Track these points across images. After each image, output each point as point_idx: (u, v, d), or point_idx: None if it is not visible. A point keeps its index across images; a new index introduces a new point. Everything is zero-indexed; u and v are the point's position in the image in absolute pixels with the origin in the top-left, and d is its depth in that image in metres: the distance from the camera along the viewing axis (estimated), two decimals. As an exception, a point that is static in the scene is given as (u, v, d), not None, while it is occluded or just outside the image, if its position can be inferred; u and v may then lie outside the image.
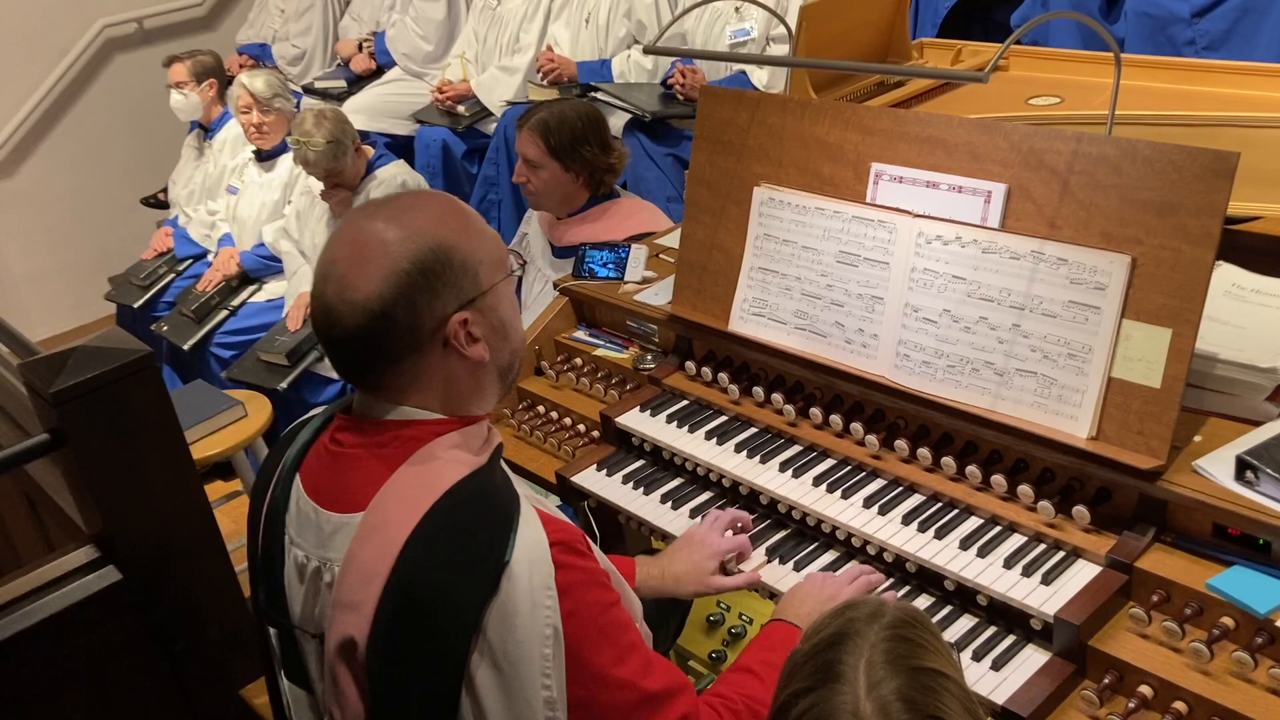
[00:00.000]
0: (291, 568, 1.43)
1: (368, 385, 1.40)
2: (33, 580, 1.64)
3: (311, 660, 1.44)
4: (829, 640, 1.13)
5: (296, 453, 1.47)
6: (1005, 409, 1.74)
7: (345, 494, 1.37)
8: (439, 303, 1.34)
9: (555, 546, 1.28)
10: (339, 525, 1.36)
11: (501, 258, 1.44)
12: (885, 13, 2.87)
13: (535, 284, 3.29)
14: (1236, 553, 1.54)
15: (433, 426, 1.38)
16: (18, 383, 1.80)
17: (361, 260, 1.33)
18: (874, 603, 1.17)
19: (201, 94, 4.89)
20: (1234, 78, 2.44)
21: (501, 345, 1.43)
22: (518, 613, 1.24)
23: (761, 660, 1.54)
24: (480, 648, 1.25)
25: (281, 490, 1.45)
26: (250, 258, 4.55)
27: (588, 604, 1.30)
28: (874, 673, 1.07)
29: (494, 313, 1.40)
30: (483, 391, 1.44)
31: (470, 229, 1.40)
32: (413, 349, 1.35)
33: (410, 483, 1.32)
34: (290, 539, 1.43)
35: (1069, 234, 1.70)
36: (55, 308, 5.97)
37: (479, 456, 1.37)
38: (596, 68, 4.37)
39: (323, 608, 1.38)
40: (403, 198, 1.43)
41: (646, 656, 1.35)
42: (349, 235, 1.37)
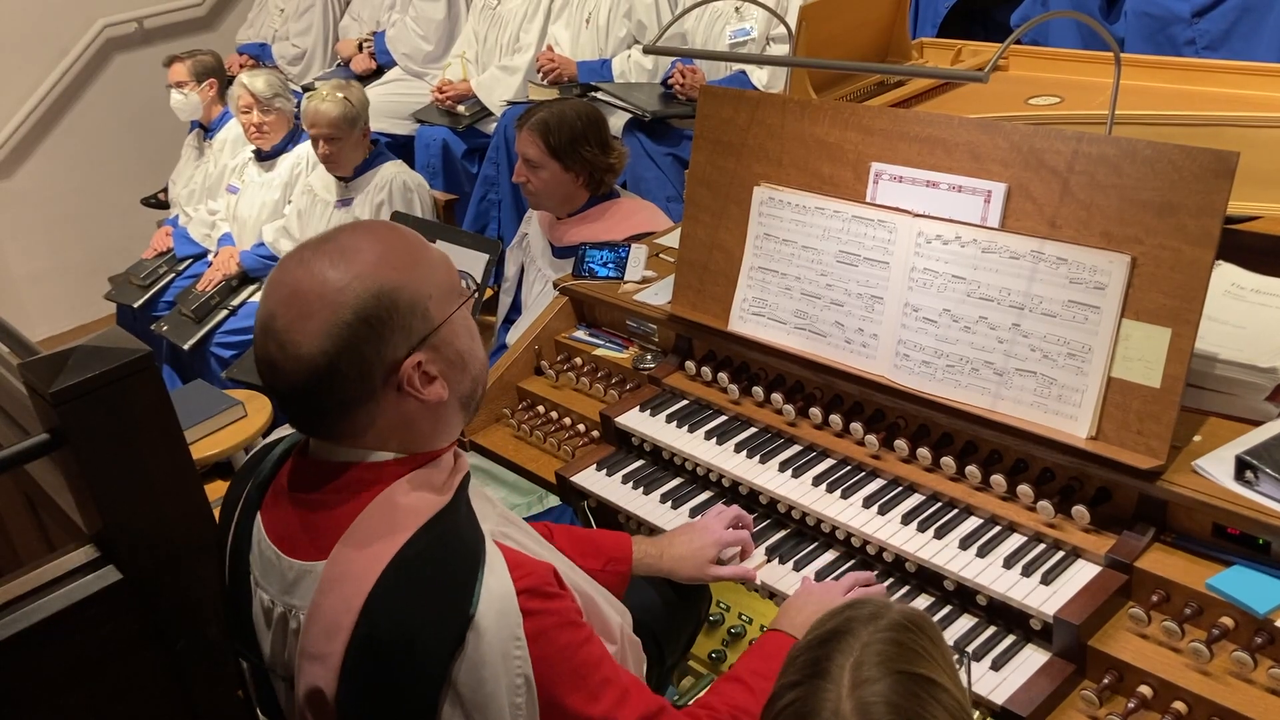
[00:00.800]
0: (259, 610, 1.40)
1: (321, 435, 1.35)
2: (33, 580, 1.63)
3: (283, 699, 1.43)
4: (824, 637, 1.12)
5: (258, 487, 1.43)
6: (1005, 409, 1.74)
7: (306, 540, 1.33)
8: (388, 349, 1.27)
9: (523, 595, 1.25)
10: (301, 572, 1.33)
11: (453, 284, 1.36)
12: (885, 13, 2.87)
13: (535, 284, 3.29)
14: (1236, 553, 1.54)
15: (391, 469, 1.32)
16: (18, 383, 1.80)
17: (302, 315, 1.26)
18: (878, 603, 1.16)
19: (202, 94, 4.88)
20: (1234, 78, 2.44)
21: (460, 377, 1.36)
22: (486, 665, 1.22)
23: (752, 670, 1.53)
24: (451, 700, 1.23)
25: (244, 528, 1.42)
26: (250, 257, 4.55)
27: (559, 647, 1.27)
28: (861, 672, 1.06)
29: (450, 346, 1.34)
30: (444, 426, 1.38)
31: (416, 263, 1.32)
32: (365, 398, 1.29)
33: (371, 531, 1.28)
34: (256, 581, 1.40)
35: (1069, 234, 1.70)
36: (55, 308, 5.97)
37: (442, 495, 1.32)
38: (596, 68, 4.37)
39: (290, 653, 1.35)
40: (339, 237, 1.32)
41: (621, 687, 1.33)
42: (286, 288, 1.28)
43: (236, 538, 1.43)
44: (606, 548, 1.80)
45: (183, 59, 4.88)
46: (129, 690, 1.70)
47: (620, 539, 1.83)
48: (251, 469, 1.48)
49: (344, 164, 4.04)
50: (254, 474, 1.46)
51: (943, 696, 1.06)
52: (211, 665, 1.78)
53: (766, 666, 1.54)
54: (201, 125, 5.07)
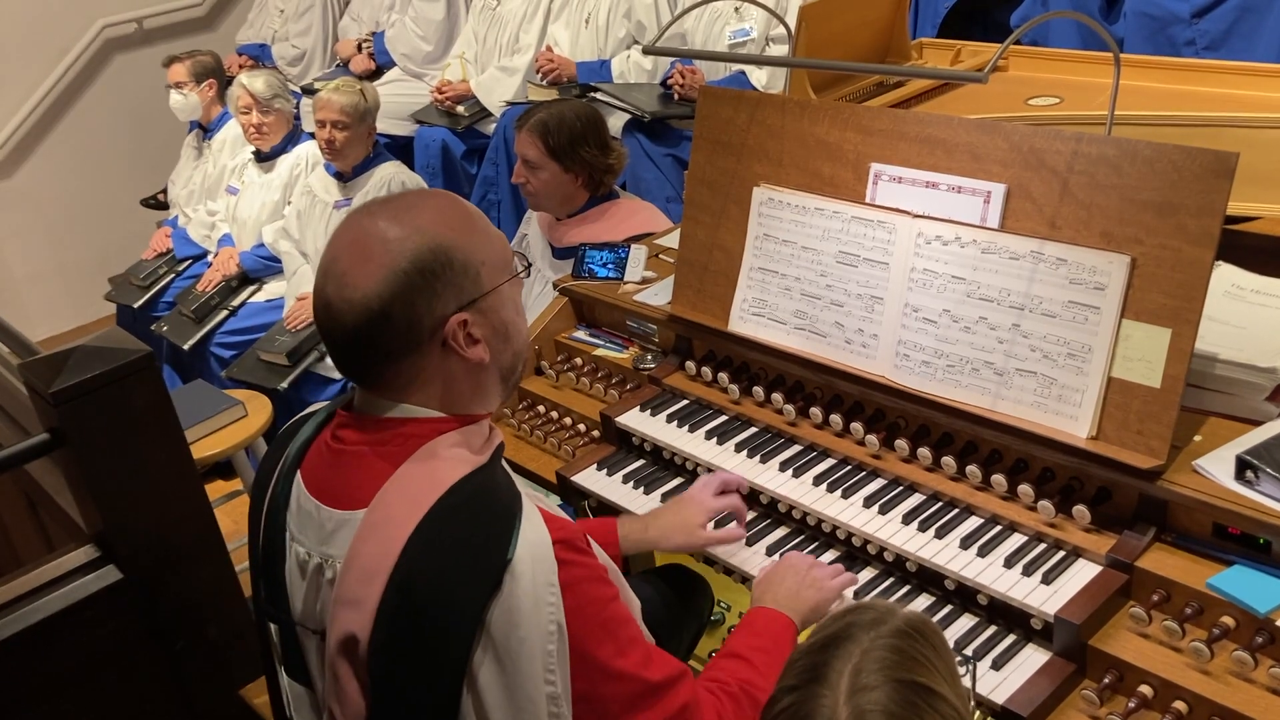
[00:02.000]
0: (293, 564, 1.43)
1: (368, 383, 1.40)
2: (33, 580, 1.64)
3: (312, 657, 1.45)
4: (824, 642, 1.11)
5: (298, 449, 1.47)
6: (1005, 409, 1.74)
7: (347, 491, 1.37)
8: (438, 303, 1.33)
9: (558, 544, 1.28)
10: (341, 522, 1.36)
11: (507, 259, 1.43)
12: (885, 13, 2.87)
13: (535, 284, 3.29)
14: (1236, 552, 1.54)
15: (434, 424, 1.37)
16: (18, 383, 1.80)
17: (361, 259, 1.32)
18: (882, 608, 1.14)
19: (201, 94, 4.88)
20: (1234, 78, 2.44)
21: (503, 347, 1.42)
22: (521, 610, 1.24)
23: (749, 645, 1.56)
24: (483, 645, 1.25)
25: (282, 487, 1.45)
26: (250, 258, 4.55)
27: (590, 599, 1.30)
28: (859, 679, 1.04)
29: (496, 314, 1.39)
30: (484, 392, 1.43)
31: (474, 229, 1.39)
32: (411, 348, 1.34)
33: (412, 480, 1.32)
34: (291, 535, 1.43)
35: (1069, 234, 1.70)
36: (55, 308, 5.97)
37: (480, 455, 1.37)
38: (596, 68, 4.37)
39: (324, 604, 1.38)
40: (405, 196, 1.41)
41: (647, 649, 1.36)
42: (350, 234, 1.36)
43: (273, 500, 1.46)
44: (592, 532, 1.81)
45: (182, 59, 4.88)
46: (129, 690, 1.70)
47: (604, 522, 1.85)
48: (292, 433, 1.51)
49: (347, 156, 4.04)
50: (293, 439, 1.49)
51: (942, 706, 1.04)
52: (211, 665, 1.78)
53: (761, 641, 1.56)
54: (201, 125, 5.07)
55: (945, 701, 1.05)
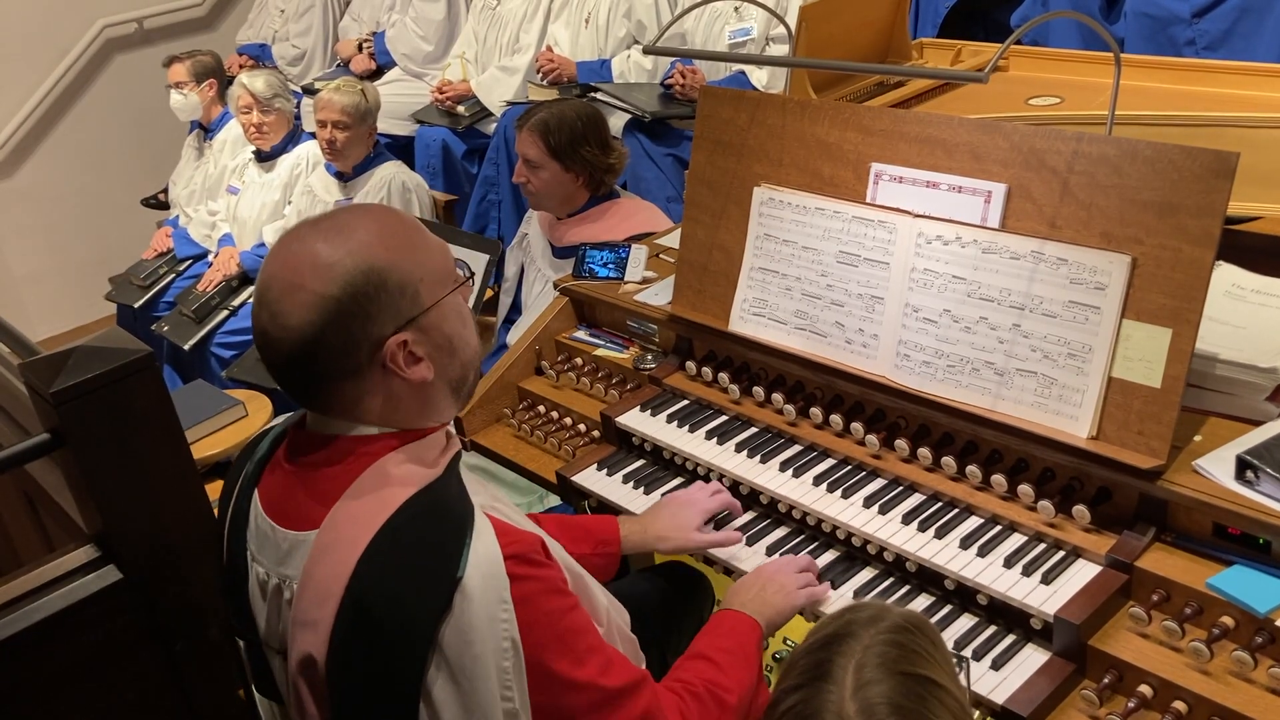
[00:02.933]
0: (254, 584, 1.42)
1: (313, 406, 1.38)
2: (33, 580, 1.63)
3: (278, 674, 1.45)
4: (825, 640, 1.12)
5: (255, 467, 1.45)
6: (1005, 409, 1.74)
7: (300, 511, 1.36)
8: (373, 326, 1.30)
9: (510, 560, 1.26)
10: (295, 543, 1.35)
11: (447, 270, 1.39)
12: (885, 13, 2.87)
13: (535, 284, 3.29)
14: (1236, 552, 1.54)
15: (383, 441, 1.35)
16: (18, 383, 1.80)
17: (292, 287, 1.29)
18: (877, 606, 1.17)
19: (201, 94, 4.88)
20: (1234, 78, 2.44)
21: (449, 361, 1.38)
22: (474, 628, 1.23)
23: (714, 646, 1.56)
24: (437, 664, 1.24)
25: (241, 505, 1.45)
26: (250, 258, 4.55)
27: (545, 612, 1.28)
28: (863, 674, 1.06)
29: (438, 330, 1.36)
30: (432, 407, 1.40)
31: (410, 245, 1.35)
32: (351, 372, 1.32)
33: (362, 501, 1.30)
34: (252, 555, 1.42)
35: (1069, 234, 1.70)
36: (55, 308, 5.97)
37: (433, 469, 1.34)
38: (596, 68, 4.37)
39: (285, 624, 1.37)
40: (337, 215, 1.37)
41: (606, 656, 1.35)
42: (281, 258, 1.33)
43: (234, 518, 1.46)
44: (594, 531, 1.83)
45: (182, 59, 4.88)
46: (129, 690, 1.70)
47: (606, 521, 1.85)
48: (249, 453, 1.50)
49: (347, 156, 4.04)
50: (251, 456, 1.48)
51: (944, 696, 1.07)
52: (211, 665, 1.78)
53: (726, 642, 1.57)
54: (201, 125, 5.07)
55: (947, 692, 1.07)
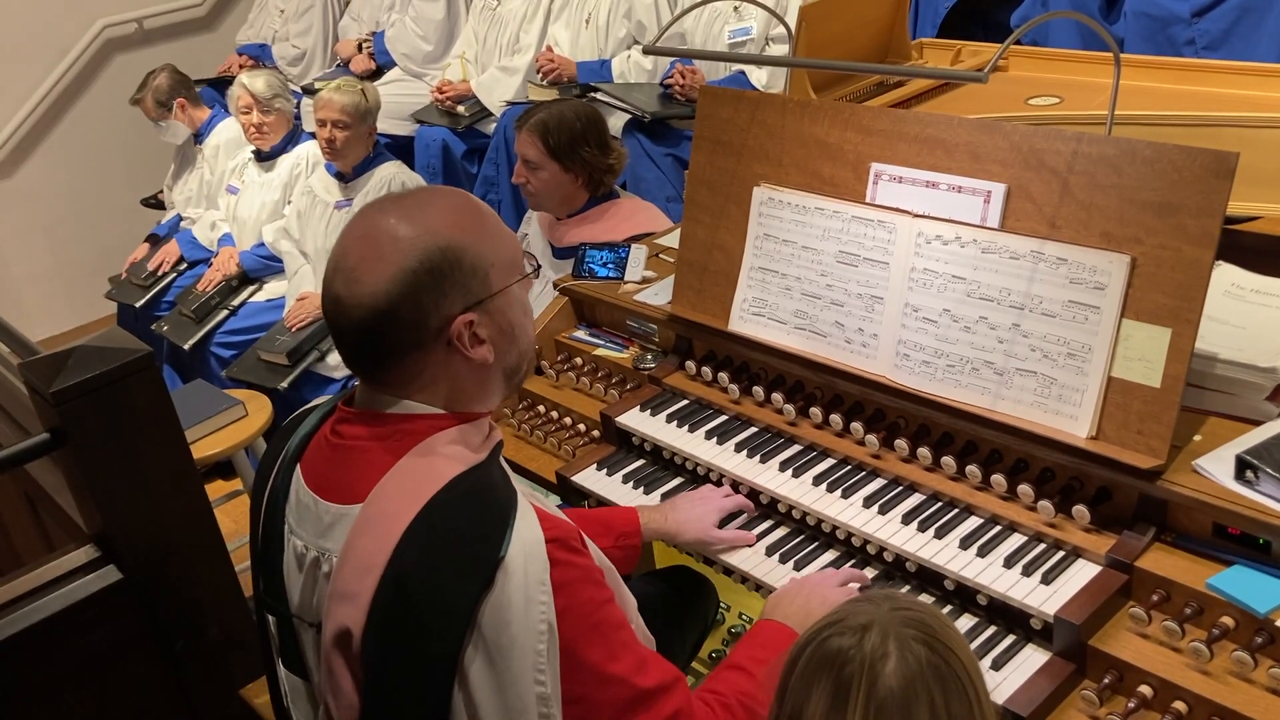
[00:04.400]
0: (290, 557, 1.43)
1: (372, 378, 1.40)
2: (33, 580, 1.64)
3: (309, 649, 1.45)
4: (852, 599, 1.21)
5: (298, 443, 1.47)
6: (1005, 409, 1.74)
7: (344, 485, 1.37)
8: (445, 302, 1.34)
9: (551, 544, 1.28)
10: (338, 516, 1.36)
11: (516, 260, 1.43)
12: (885, 13, 2.87)
13: (536, 284, 3.29)
14: (1236, 552, 1.54)
15: (433, 421, 1.38)
16: (18, 382, 1.80)
17: (371, 256, 1.33)
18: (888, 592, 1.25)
19: (177, 115, 4.88)
20: (1234, 78, 2.44)
21: (508, 347, 1.42)
22: (512, 608, 1.24)
23: (752, 658, 1.55)
24: (474, 642, 1.25)
25: (282, 480, 1.46)
26: (250, 258, 4.55)
27: (582, 601, 1.30)
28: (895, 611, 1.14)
29: (502, 315, 1.40)
30: (486, 391, 1.43)
31: (484, 229, 1.39)
32: (417, 346, 1.35)
33: (409, 476, 1.33)
34: (290, 528, 1.43)
35: (1069, 234, 1.70)
36: (55, 308, 5.97)
37: (478, 453, 1.37)
38: (596, 68, 4.37)
39: (320, 598, 1.38)
40: (418, 194, 1.42)
41: (640, 653, 1.36)
42: (361, 229, 1.37)
43: (273, 491, 1.46)
44: (615, 524, 1.84)
45: (141, 99, 4.89)
46: (129, 690, 1.70)
47: (627, 513, 1.87)
48: (293, 427, 1.51)
49: (347, 156, 4.04)
50: (294, 433, 1.49)
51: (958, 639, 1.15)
52: (211, 665, 1.78)
53: (765, 654, 1.56)
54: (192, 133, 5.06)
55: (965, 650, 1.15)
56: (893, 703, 1.08)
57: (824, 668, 1.12)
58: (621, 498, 2.05)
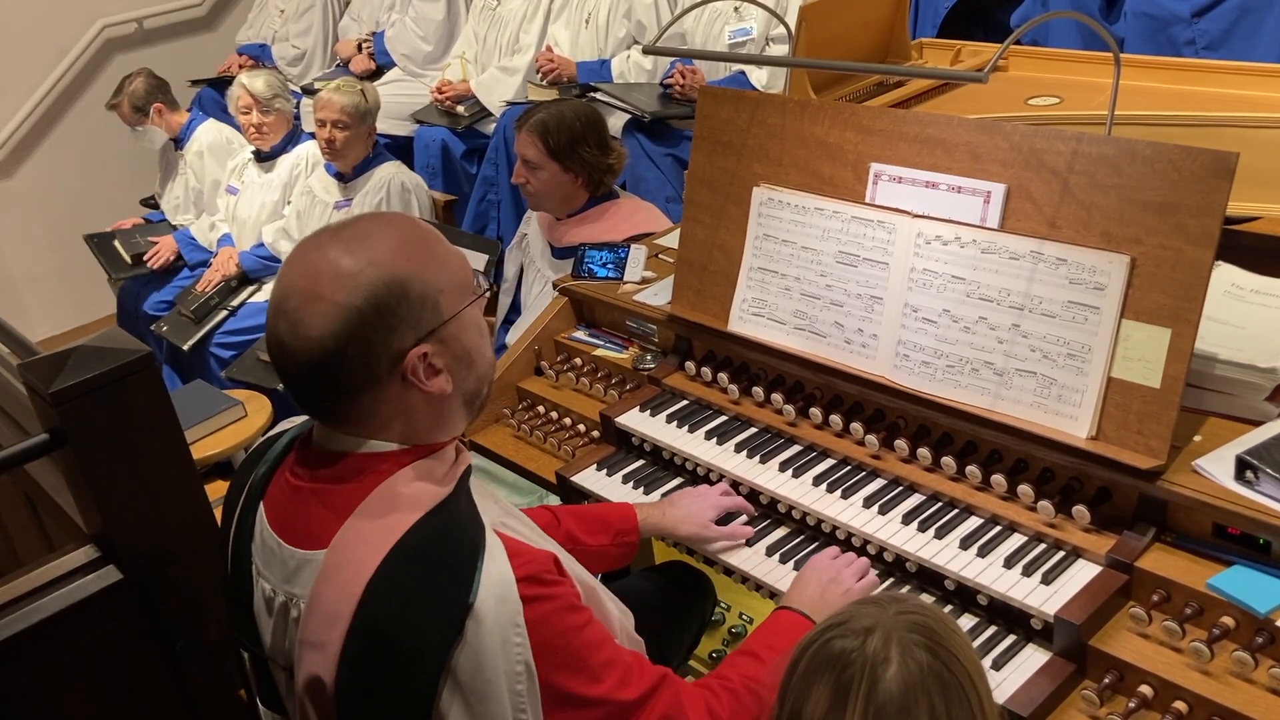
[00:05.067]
0: (260, 599, 1.41)
1: (326, 419, 1.36)
2: (33, 580, 1.63)
3: (283, 689, 1.44)
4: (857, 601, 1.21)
5: (260, 480, 1.44)
6: (1005, 409, 1.74)
7: (307, 529, 1.34)
8: (394, 338, 1.29)
9: (522, 582, 1.25)
10: (302, 561, 1.33)
11: (465, 282, 1.37)
12: (885, 13, 2.87)
13: (535, 284, 3.29)
14: (1236, 552, 1.54)
15: (394, 458, 1.34)
16: (18, 383, 1.80)
17: (312, 297, 1.27)
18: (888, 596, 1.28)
19: (154, 120, 4.85)
20: (1234, 78, 2.44)
21: (466, 373, 1.37)
22: (486, 653, 1.22)
23: (765, 645, 1.55)
24: (450, 688, 1.23)
25: (246, 518, 1.43)
26: (249, 258, 4.55)
27: (559, 633, 1.27)
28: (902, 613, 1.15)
29: (457, 341, 1.35)
30: (446, 420, 1.39)
31: (430, 255, 1.33)
32: (370, 384, 1.30)
33: (371, 521, 1.29)
34: (257, 570, 1.41)
35: (1069, 234, 1.70)
36: (55, 308, 5.96)
37: (443, 486, 1.33)
38: (596, 68, 4.37)
39: (291, 641, 1.36)
40: (359, 224, 1.35)
41: (623, 668, 1.33)
42: (300, 268, 1.31)
43: (239, 528, 1.44)
44: (613, 521, 1.84)
45: (118, 104, 4.84)
46: (129, 690, 1.70)
47: (624, 510, 1.87)
48: (255, 461, 1.48)
49: (346, 156, 4.04)
50: (257, 465, 1.47)
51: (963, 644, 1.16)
52: (211, 665, 1.78)
53: (778, 641, 1.55)
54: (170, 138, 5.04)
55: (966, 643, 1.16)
56: (892, 707, 1.08)
57: (825, 669, 1.12)
58: (621, 498, 2.04)
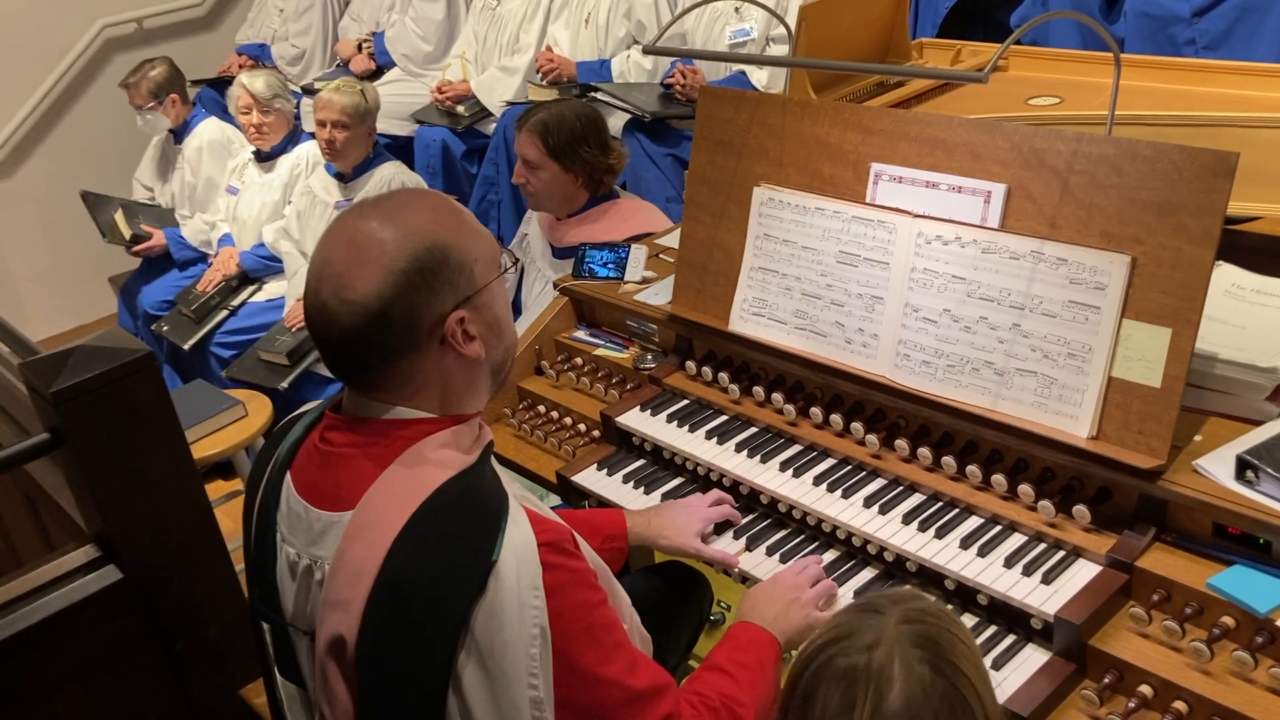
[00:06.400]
0: (283, 565, 1.43)
1: (362, 385, 1.39)
2: (33, 580, 1.64)
3: (304, 656, 1.45)
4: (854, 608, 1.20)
5: (287, 450, 1.47)
6: (1005, 409, 1.74)
7: (335, 493, 1.37)
8: (436, 301, 1.34)
9: (543, 547, 1.28)
10: (329, 524, 1.36)
11: (494, 256, 1.43)
12: (885, 13, 2.87)
13: (535, 284, 3.29)
14: (1237, 552, 1.54)
15: (423, 426, 1.37)
16: (18, 383, 1.80)
17: (358, 260, 1.32)
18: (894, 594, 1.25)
19: (165, 111, 4.84)
20: (1234, 78, 2.44)
21: (496, 342, 1.43)
22: (505, 612, 1.24)
23: (732, 660, 1.55)
24: (467, 647, 1.25)
25: (272, 488, 1.46)
26: (250, 258, 4.55)
27: (575, 604, 1.29)
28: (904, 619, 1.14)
29: (489, 310, 1.40)
30: (476, 389, 1.44)
31: (464, 227, 1.39)
32: (410, 348, 1.35)
33: (399, 482, 1.32)
34: (282, 536, 1.43)
35: (1069, 234, 1.70)
36: (55, 308, 5.96)
37: (469, 455, 1.37)
38: (596, 68, 4.37)
39: (314, 605, 1.38)
40: (395, 197, 1.42)
41: (632, 655, 1.35)
42: (344, 235, 1.35)
43: (264, 499, 1.46)
44: (602, 526, 1.84)
45: (135, 84, 4.81)
46: (129, 690, 1.70)
47: (614, 515, 1.87)
48: (282, 434, 1.51)
49: (346, 156, 4.04)
50: (283, 440, 1.49)
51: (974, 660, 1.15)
52: (211, 665, 1.78)
53: (745, 656, 1.56)
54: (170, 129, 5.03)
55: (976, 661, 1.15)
56: None
57: (829, 685, 1.11)
58: (622, 498, 2.04)
